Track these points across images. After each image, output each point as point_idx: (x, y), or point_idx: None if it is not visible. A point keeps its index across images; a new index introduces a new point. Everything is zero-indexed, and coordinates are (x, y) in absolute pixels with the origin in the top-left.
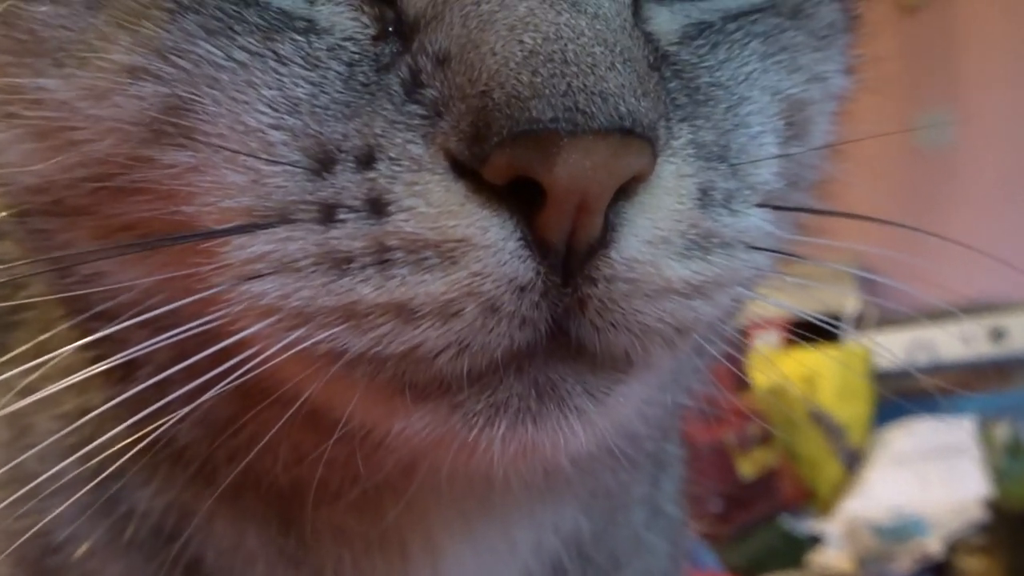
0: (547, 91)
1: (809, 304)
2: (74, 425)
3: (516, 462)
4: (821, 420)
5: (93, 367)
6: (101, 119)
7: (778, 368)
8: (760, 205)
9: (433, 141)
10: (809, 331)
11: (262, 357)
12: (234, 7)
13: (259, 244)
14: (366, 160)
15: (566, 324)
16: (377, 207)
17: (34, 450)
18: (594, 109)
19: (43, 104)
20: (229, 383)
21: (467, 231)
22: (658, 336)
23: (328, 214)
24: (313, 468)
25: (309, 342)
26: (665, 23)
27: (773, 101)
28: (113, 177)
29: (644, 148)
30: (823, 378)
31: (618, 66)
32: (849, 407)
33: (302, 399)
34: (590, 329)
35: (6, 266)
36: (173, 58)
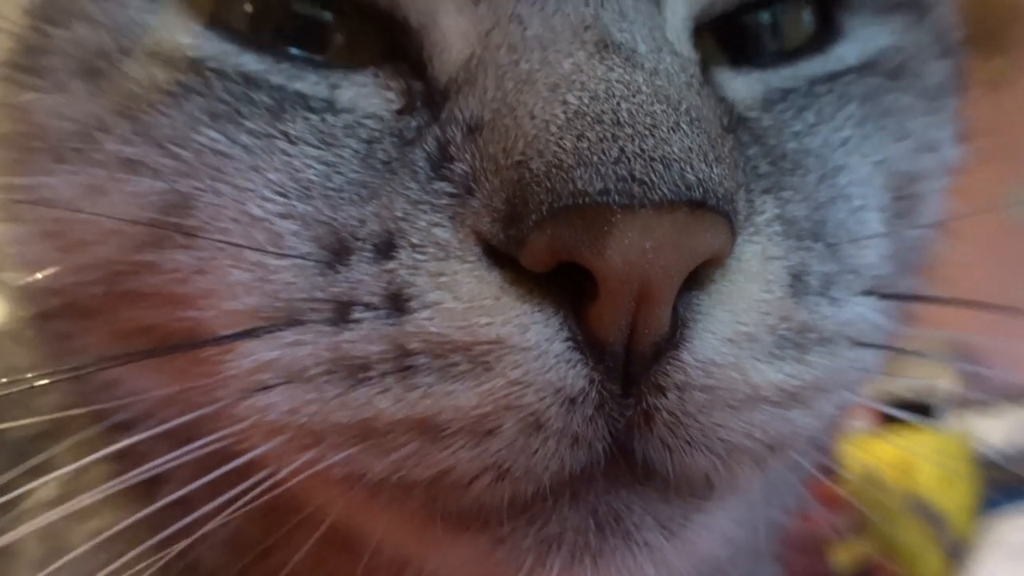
0: (595, 158)
1: (900, 384)
2: (99, 539)
3: None
4: (920, 508)
5: (116, 480)
6: (100, 220)
7: (871, 454)
8: (866, 293)
9: (463, 223)
10: (904, 410)
11: (276, 479)
12: (243, 89)
13: (264, 351)
14: (385, 248)
15: (629, 442)
16: (397, 303)
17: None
18: (654, 177)
19: (48, 203)
20: (250, 503)
21: (503, 331)
22: (745, 455)
23: (341, 313)
24: None
25: (323, 464)
26: (741, 89)
27: (877, 171)
28: (120, 282)
29: (719, 224)
30: (920, 463)
31: (683, 126)
32: (951, 494)
33: (328, 522)
34: (660, 448)
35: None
36: (173, 148)
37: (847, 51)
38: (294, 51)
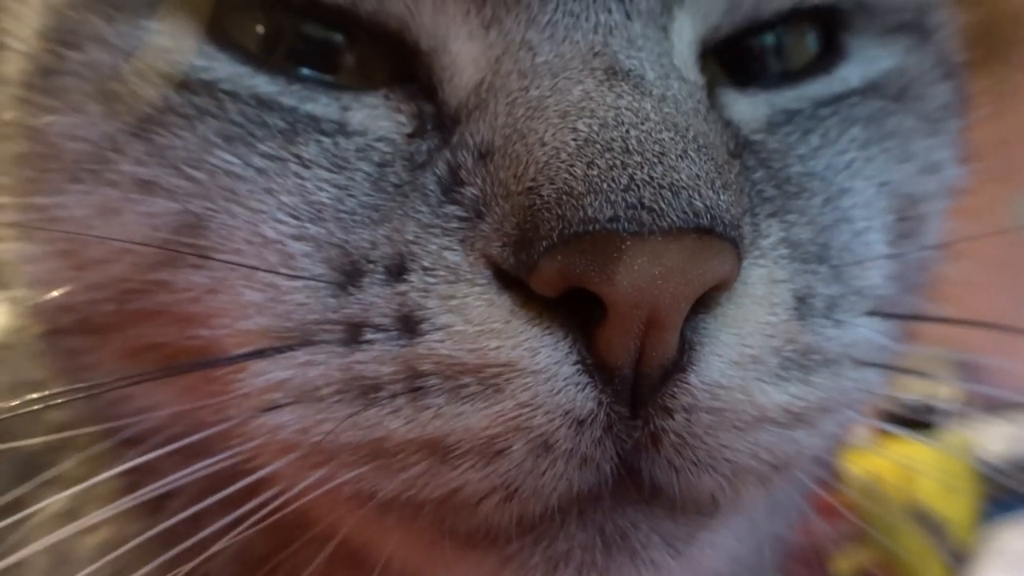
0: (605, 185)
1: (902, 395)
2: (111, 556)
3: None
4: (921, 517)
5: (126, 498)
6: (113, 240)
7: (872, 463)
8: (870, 313)
9: (473, 247)
10: (903, 420)
11: (286, 497)
12: (257, 112)
13: (277, 370)
14: (397, 271)
15: (636, 462)
16: (408, 325)
17: None
18: (663, 205)
19: (61, 222)
20: (260, 521)
21: (513, 354)
22: (751, 475)
23: (353, 334)
24: None
25: (333, 483)
26: (746, 110)
27: (880, 193)
28: (132, 300)
29: (726, 250)
30: (921, 471)
31: (691, 154)
32: (952, 502)
33: (338, 539)
34: (667, 469)
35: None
36: (187, 169)
37: (851, 72)
38: (306, 72)
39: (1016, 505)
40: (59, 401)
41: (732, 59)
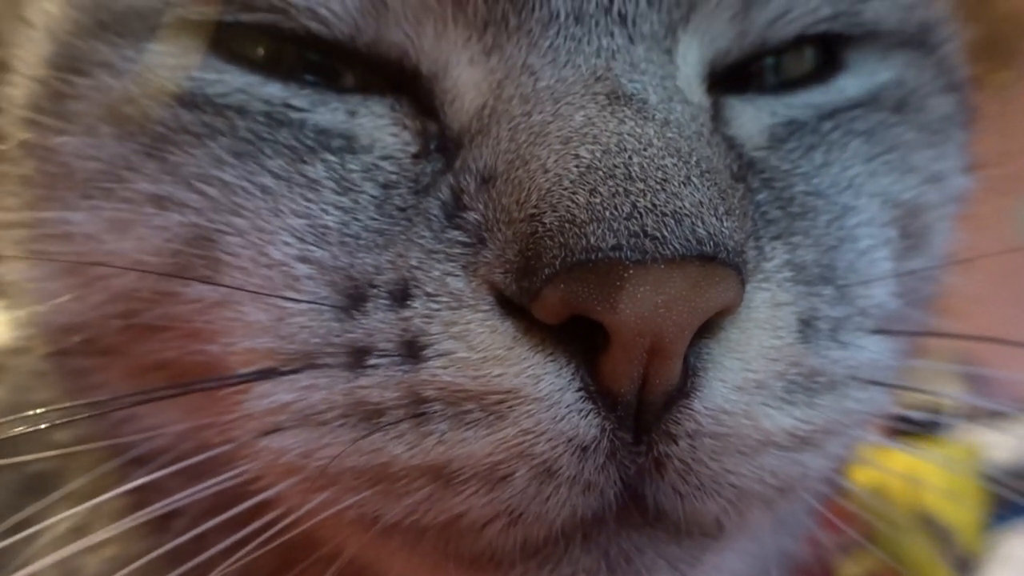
0: (608, 213)
1: (906, 398)
2: (118, 574)
3: None
4: (927, 523)
5: (132, 516)
6: (124, 252)
7: (878, 468)
8: (875, 332)
9: (476, 273)
10: (909, 427)
11: (291, 519)
12: (267, 129)
13: (281, 392)
14: (400, 296)
15: (640, 487)
16: (412, 351)
17: None
18: (666, 233)
19: (70, 239)
20: (264, 541)
21: (515, 381)
22: (756, 498)
23: (357, 359)
24: None
25: (337, 507)
26: (749, 123)
27: (884, 208)
28: (139, 313)
29: (729, 277)
30: (928, 477)
31: (694, 180)
32: (958, 508)
33: (342, 560)
34: (671, 494)
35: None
36: (199, 185)
37: (848, 84)
38: (311, 79)
39: (1021, 513)
40: (66, 420)
41: (733, 78)
